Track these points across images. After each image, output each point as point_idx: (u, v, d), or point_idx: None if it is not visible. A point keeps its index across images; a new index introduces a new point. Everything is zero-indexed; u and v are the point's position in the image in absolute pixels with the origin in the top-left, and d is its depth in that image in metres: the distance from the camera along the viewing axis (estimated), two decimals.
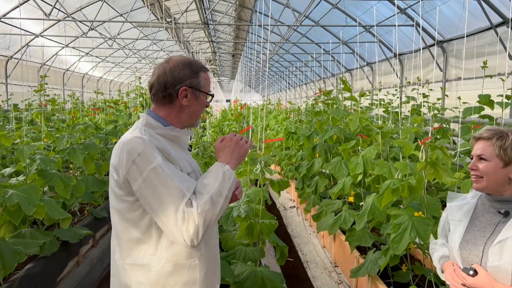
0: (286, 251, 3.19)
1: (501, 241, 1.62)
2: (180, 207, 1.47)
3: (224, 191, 1.55)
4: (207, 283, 1.67)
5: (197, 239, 1.49)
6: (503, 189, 1.69)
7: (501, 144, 1.68)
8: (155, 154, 1.52)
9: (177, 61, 1.68)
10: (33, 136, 5.04)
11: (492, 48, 7.57)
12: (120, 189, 1.57)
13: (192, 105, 1.70)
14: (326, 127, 5.08)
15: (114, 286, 1.71)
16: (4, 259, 2.93)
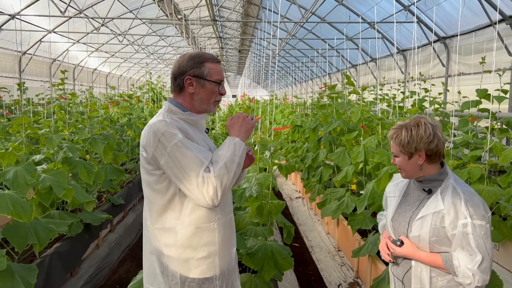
0: (293, 230, 3.49)
1: (423, 216, 1.89)
2: (200, 173, 1.74)
3: (236, 158, 1.81)
4: (224, 244, 1.96)
5: (217, 199, 1.75)
6: (419, 174, 1.94)
7: (398, 141, 1.92)
8: (176, 131, 1.80)
9: (185, 55, 1.97)
10: (55, 126, 5.37)
11: (492, 44, 7.79)
12: (149, 164, 1.86)
13: (200, 92, 1.94)
14: (330, 119, 5.36)
15: (146, 249, 2.02)
16: (39, 235, 3.26)
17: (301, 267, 4.73)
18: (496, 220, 3.63)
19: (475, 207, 1.81)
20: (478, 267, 1.77)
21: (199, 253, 1.88)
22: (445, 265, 1.85)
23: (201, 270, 1.89)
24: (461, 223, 1.79)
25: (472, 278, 1.78)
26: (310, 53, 19.34)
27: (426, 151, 1.88)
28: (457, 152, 5.21)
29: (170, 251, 1.89)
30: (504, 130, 5.27)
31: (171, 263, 1.90)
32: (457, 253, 1.82)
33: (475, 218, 1.78)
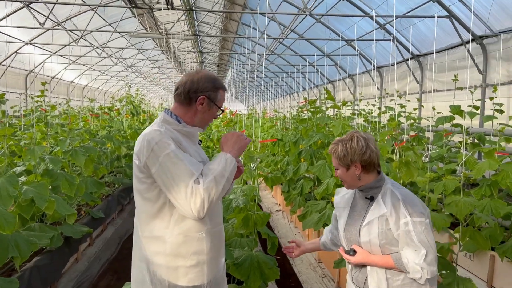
0: (277, 242, 3.53)
1: (369, 222, 2.03)
2: (189, 184, 1.79)
3: (226, 173, 1.87)
4: (213, 254, 2.00)
5: (203, 211, 1.80)
6: (359, 183, 2.09)
7: (336, 155, 2.09)
8: (170, 142, 1.86)
9: (205, 74, 2.05)
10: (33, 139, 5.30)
11: (463, 62, 8.14)
12: (140, 172, 1.91)
13: (205, 113, 2.04)
14: (311, 133, 5.48)
15: (136, 256, 2.05)
16: (20, 248, 3.22)
17: (283, 279, 4.76)
18: (471, 230, 3.77)
19: (412, 205, 1.97)
20: (424, 260, 1.92)
21: (188, 261, 1.92)
22: (396, 265, 1.98)
23: (190, 278, 1.93)
24: (402, 222, 1.94)
25: (421, 272, 1.92)
26: (288, 68, 19.63)
27: (361, 162, 2.04)
28: (432, 166, 5.39)
29: (159, 259, 1.92)
30: (476, 144, 5.49)
31: (159, 271, 1.93)
32: (404, 251, 1.96)
33: (414, 216, 1.94)
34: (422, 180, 3.69)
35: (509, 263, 4.14)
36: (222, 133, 8.46)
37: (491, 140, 5.28)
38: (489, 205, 3.78)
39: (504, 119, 5.92)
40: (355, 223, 2.11)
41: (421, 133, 7.04)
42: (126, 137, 7.96)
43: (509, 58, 7.31)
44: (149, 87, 33.78)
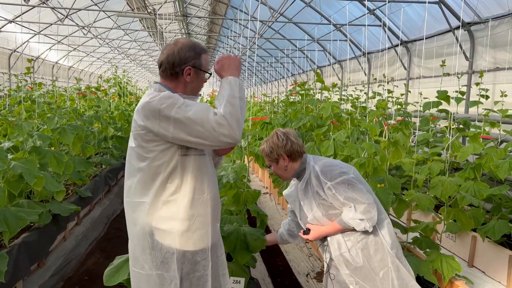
0: (266, 220, 3.59)
1: (306, 200, 2.29)
2: (209, 119, 1.79)
3: (235, 93, 1.88)
4: (214, 217, 2.07)
5: (236, 133, 1.81)
6: (291, 173, 2.38)
7: (265, 153, 2.36)
8: (171, 97, 1.87)
9: (184, 43, 2.02)
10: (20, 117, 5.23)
11: (451, 49, 8.22)
12: (147, 143, 1.91)
13: (194, 82, 2.05)
14: (300, 115, 5.51)
15: (134, 229, 2.04)
16: (9, 223, 3.20)
17: (270, 258, 4.84)
18: (455, 210, 3.87)
19: (330, 171, 2.21)
20: (358, 211, 2.14)
21: (194, 224, 1.97)
22: (342, 226, 2.19)
23: (194, 242, 1.98)
24: (326, 188, 2.18)
25: (362, 223, 2.13)
26: (277, 53, 19.57)
27: (285, 153, 2.30)
28: (418, 150, 5.48)
29: (167, 225, 1.95)
30: (461, 129, 5.60)
31: (164, 237, 1.96)
32: (343, 212, 2.19)
33: (334, 179, 2.18)
34: (409, 162, 3.77)
35: (490, 243, 4.27)
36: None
37: (476, 125, 5.39)
38: (472, 187, 3.89)
39: (489, 105, 6.03)
40: (305, 208, 2.34)
41: (408, 118, 7.14)
42: (113, 118, 7.89)
43: (495, 45, 7.41)
44: (135, 69, 33.36)
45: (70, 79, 22.99)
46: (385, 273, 2.18)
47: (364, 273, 2.18)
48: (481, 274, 4.30)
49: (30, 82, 6.61)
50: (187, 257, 1.98)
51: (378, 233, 2.21)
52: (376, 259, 2.19)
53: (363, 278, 2.19)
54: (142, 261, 2.02)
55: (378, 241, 2.20)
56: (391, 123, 4.02)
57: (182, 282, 1.98)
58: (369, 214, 2.13)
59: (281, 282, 4.23)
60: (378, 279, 2.17)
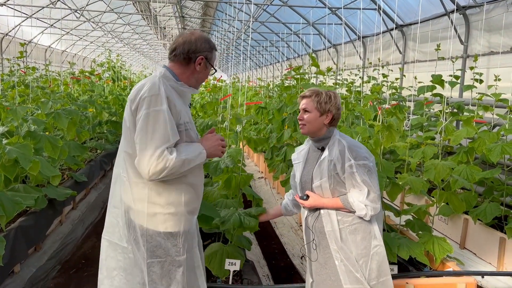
0: (261, 203, 3.63)
1: (319, 168, 2.27)
2: (161, 147, 1.89)
3: (193, 163, 2.00)
4: (189, 208, 2.11)
5: (157, 176, 1.91)
6: (320, 132, 2.31)
7: (318, 99, 2.29)
8: (164, 101, 1.94)
9: (200, 35, 2.14)
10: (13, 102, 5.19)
11: (445, 33, 8.21)
12: (132, 116, 1.98)
13: (201, 73, 2.14)
14: (295, 100, 5.51)
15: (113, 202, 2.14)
16: (5, 208, 3.21)
17: (265, 241, 4.90)
18: (448, 193, 3.92)
19: (357, 150, 2.22)
20: (367, 198, 2.16)
21: (166, 209, 2.04)
22: (344, 204, 2.22)
23: (167, 225, 2.04)
24: (347, 165, 2.18)
25: (365, 209, 2.17)
26: (272, 37, 19.44)
27: (333, 114, 2.29)
28: (412, 134, 5.52)
29: (139, 205, 2.03)
30: (455, 113, 5.63)
31: (138, 217, 2.04)
32: (350, 192, 2.21)
33: (358, 159, 2.18)
34: (402, 146, 3.80)
35: (481, 226, 4.34)
36: (205, 99, 8.42)
37: (469, 109, 5.42)
38: (465, 170, 3.93)
39: (483, 89, 6.05)
40: (309, 172, 2.33)
41: (402, 102, 7.16)
42: (108, 102, 7.85)
43: (490, 29, 7.41)
44: (129, 53, 33.03)
45: (63, 63, 22.75)
46: (364, 262, 2.24)
47: (348, 254, 2.24)
48: (472, 255, 4.39)
49: (23, 67, 6.55)
50: (158, 240, 2.04)
51: (370, 225, 2.25)
52: (361, 246, 2.24)
53: (347, 259, 2.25)
54: (119, 233, 2.10)
55: (367, 231, 2.25)
56: (386, 107, 4.05)
57: (153, 265, 2.04)
58: (375, 204, 2.18)
59: (276, 264, 4.29)
60: (358, 264, 2.23)
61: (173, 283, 2.08)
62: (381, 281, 2.27)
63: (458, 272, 3.18)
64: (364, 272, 2.23)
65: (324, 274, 2.32)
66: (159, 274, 2.05)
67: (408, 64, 10.33)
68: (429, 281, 3.09)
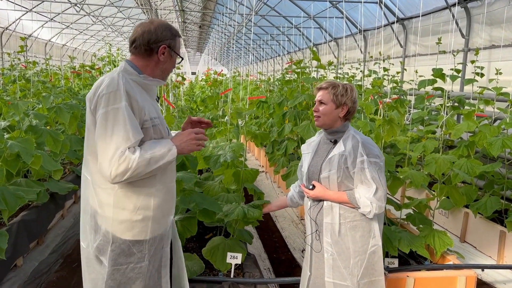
0: (263, 197, 3.64)
1: (330, 158, 2.26)
2: (122, 148, 1.75)
3: (161, 162, 1.85)
4: (160, 211, 2.00)
5: (120, 179, 1.77)
6: (335, 125, 2.29)
7: (334, 91, 2.27)
8: (123, 98, 1.80)
9: (160, 23, 1.98)
10: (14, 96, 5.20)
11: (447, 26, 8.18)
12: (92, 115, 1.85)
13: (166, 63, 2.00)
14: (296, 94, 5.51)
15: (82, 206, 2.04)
16: (8, 202, 3.23)
17: (266, 235, 4.92)
18: (448, 187, 3.93)
19: (370, 148, 2.21)
20: (374, 195, 2.15)
21: (134, 216, 1.92)
22: (349, 199, 2.21)
23: (134, 232, 1.93)
24: (359, 161, 2.17)
25: (370, 206, 2.16)
26: (272, 31, 19.37)
27: (349, 107, 2.27)
28: (413, 128, 5.52)
29: (106, 211, 1.91)
30: (456, 107, 5.63)
31: (104, 223, 1.92)
32: (358, 188, 2.20)
33: (370, 156, 2.18)
34: (403, 139, 3.81)
35: (481, 219, 4.36)
36: (206, 94, 8.42)
37: (470, 103, 5.42)
38: (465, 164, 3.94)
39: (484, 82, 6.04)
40: (317, 163, 2.33)
41: (403, 96, 7.16)
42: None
43: (492, 23, 7.38)
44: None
45: (64, 58, 22.70)
46: (360, 260, 2.23)
47: (343, 249, 2.24)
48: (472, 249, 4.41)
49: (24, 61, 6.55)
50: (122, 248, 1.93)
51: (371, 223, 2.25)
52: (359, 244, 2.23)
53: (339, 253, 2.24)
54: (87, 239, 2.01)
55: (367, 229, 2.24)
56: (387, 101, 4.05)
57: (114, 272, 1.94)
58: (380, 203, 2.17)
59: (277, 257, 4.31)
60: (352, 262, 2.23)
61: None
62: (373, 280, 2.26)
63: (458, 265, 3.20)
64: (357, 270, 2.23)
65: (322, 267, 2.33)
66: (118, 282, 1.95)
67: (409, 57, 10.31)
68: (430, 274, 3.11)
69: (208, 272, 3.00)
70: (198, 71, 28.05)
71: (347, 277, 2.23)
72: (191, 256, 2.98)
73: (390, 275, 2.98)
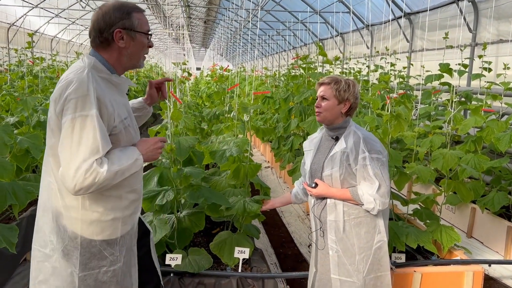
0: (269, 192, 3.66)
1: (331, 156, 2.25)
2: (90, 160, 1.62)
3: (127, 173, 1.76)
4: (130, 211, 1.92)
5: (84, 192, 1.66)
6: (336, 121, 2.29)
7: (337, 87, 2.26)
8: (94, 105, 1.66)
9: (108, 6, 1.79)
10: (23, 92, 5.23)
11: (454, 21, 8.13)
12: (57, 118, 1.70)
13: (130, 47, 1.81)
14: (302, 89, 5.51)
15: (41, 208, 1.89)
16: (18, 197, 3.25)
17: (273, 230, 4.94)
18: (456, 182, 3.93)
19: (372, 144, 2.20)
20: (377, 191, 2.14)
21: (104, 216, 1.82)
22: (352, 196, 2.20)
23: (105, 233, 1.84)
24: (361, 157, 2.16)
25: (374, 203, 2.15)
26: (277, 26, 19.32)
27: (351, 103, 2.26)
28: (419, 124, 5.51)
29: (73, 213, 1.79)
30: (463, 102, 5.61)
31: (72, 225, 1.79)
32: (361, 185, 2.19)
33: (372, 153, 2.16)
34: (410, 135, 3.80)
35: (489, 214, 4.35)
36: (211, 89, 8.43)
37: (477, 98, 5.39)
38: (473, 160, 3.93)
39: (492, 77, 6.01)
40: (320, 160, 2.32)
41: (410, 91, 7.13)
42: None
43: (499, 17, 7.32)
44: None
45: (69, 53, 22.78)
46: (365, 256, 2.23)
47: (347, 246, 2.24)
48: (479, 244, 4.41)
49: (31, 57, 6.58)
50: (93, 251, 1.82)
51: (376, 219, 2.24)
52: (364, 240, 2.23)
53: (345, 250, 2.24)
54: (43, 239, 1.85)
55: (372, 225, 2.24)
56: (393, 96, 4.04)
57: (86, 278, 1.82)
58: (384, 199, 2.16)
59: (284, 252, 4.33)
60: (357, 258, 2.23)
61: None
62: (379, 275, 2.27)
63: (465, 260, 3.20)
64: (363, 266, 2.23)
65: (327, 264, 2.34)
66: (92, 287, 1.83)
67: (416, 52, 10.25)
68: (437, 269, 3.11)
69: (216, 267, 3.03)
70: (203, 67, 28.07)
71: (353, 274, 2.23)
72: (199, 250, 3.00)
73: (397, 270, 2.99)
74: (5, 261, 3.29)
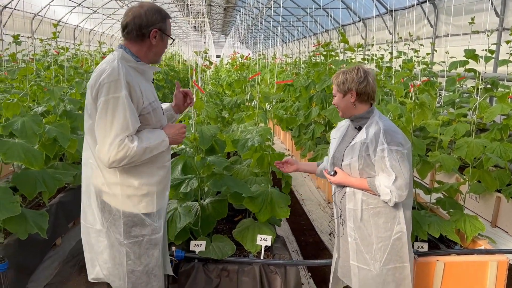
0: (291, 180, 3.68)
1: (351, 146, 2.26)
2: (121, 136, 1.89)
3: (155, 151, 2.03)
4: (161, 187, 2.18)
5: (117, 164, 1.92)
6: (354, 111, 2.29)
7: (336, 82, 2.30)
8: (123, 87, 1.91)
9: (150, 6, 2.06)
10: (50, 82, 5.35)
11: (480, 5, 7.90)
12: (93, 102, 1.97)
13: (158, 46, 2.10)
14: (323, 77, 5.47)
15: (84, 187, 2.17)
16: (47, 184, 3.37)
17: (293, 217, 4.97)
18: (480, 171, 3.87)
19: (393, 135, 2.18)
20: (393, 183, 2.13)
21: (140, 191, 2.08)
22: (370, 187, 2.21)
23: (142, 206, 2.09)
24: (379, 149, 2.16)
25: (390, 195, 2.15)
26: (298, 12, 19.11)
27: (356, 90, 2.23)
28: (443, 111, 5.41)
29: (113, 189, 2.05)
30: (489, 89, 5.48)
31: (113, 200, 2.07)
32: (378, 176, 2.20)
33: (392, 145, 2.15)
34: (434, 123, 3.75)
35: None
36: (232, 78, 8.44)
37: (504, 85, 5.26)
38: (498, 148, 3.86)
39: None
40: (342, 150, 2.35)
41: (434, 78, 6.99)
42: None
43: None
44: None
45: (91, 42, 23.06)
46: (383, 246, 2.24)
47: (365, 235, 2.26)
48: (504, 234, 4.35)
49: (55, 46, 6.69)
50: (135, 221, 2.09)
51: (396, 210, 2.24)
52: (382, 230, 2.24)
53: (362, 239, 2.27)
54: (93, 216, 2.15)
55: (391, 216, 2.24)
56: (417, 83, 3.97)
57: (131, 245, 2.10)
58: (401, 192, 2.15)
59: (305, 240, 4.37)
60: (374, 247, 2.24)
61: (152, 261, 2.15)
62: (397, 266, 2.27)
63: (490, 250, 3.17)
64: (380, 255, 2.24)
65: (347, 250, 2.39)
66: (138, 254, 2.11)
67: (440, 38, 10.02)
68: (460, 258, 3.09)
69: (238, 254, 3.08)
70: (223, 54, 28.00)
71: (370, 262, 2.27)
72: (222, 237, 3.05)
73: (420, 259, 2.99)
74: (36, 246, 3.42)
